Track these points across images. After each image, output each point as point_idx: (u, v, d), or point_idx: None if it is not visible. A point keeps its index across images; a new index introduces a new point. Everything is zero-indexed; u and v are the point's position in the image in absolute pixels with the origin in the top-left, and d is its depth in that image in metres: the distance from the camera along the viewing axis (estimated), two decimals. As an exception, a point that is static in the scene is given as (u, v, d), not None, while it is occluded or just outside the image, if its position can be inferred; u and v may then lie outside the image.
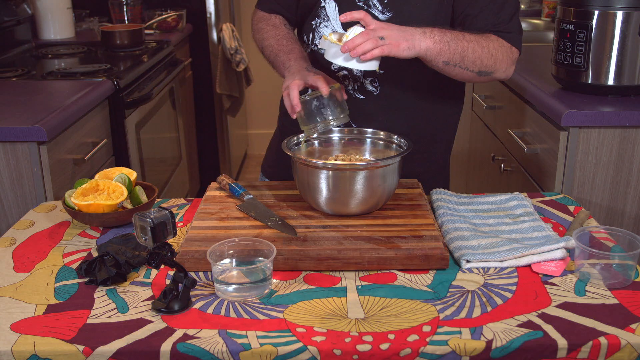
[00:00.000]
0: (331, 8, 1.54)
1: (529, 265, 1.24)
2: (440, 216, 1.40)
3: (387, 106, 1.57)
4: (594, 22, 1.74)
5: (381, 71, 1.52)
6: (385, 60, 1.40)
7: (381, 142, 1.49)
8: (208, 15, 3.61)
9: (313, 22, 1.58)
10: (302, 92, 1.41)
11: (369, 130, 1.51)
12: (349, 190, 1.33)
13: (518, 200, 1.46)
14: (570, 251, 1.26)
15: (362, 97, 1.57)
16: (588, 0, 1.75)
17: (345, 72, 1.56)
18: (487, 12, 1.46)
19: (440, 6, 1.49)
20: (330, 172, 1.33)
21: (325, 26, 1.55)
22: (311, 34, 1.59)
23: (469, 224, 1.35)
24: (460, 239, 1.29)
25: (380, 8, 1.50)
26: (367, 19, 1.31)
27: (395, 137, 1.46)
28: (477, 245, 1.28)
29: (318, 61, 1.56)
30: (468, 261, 1.25)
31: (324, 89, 1.35)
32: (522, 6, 3.74)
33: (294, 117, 1.40)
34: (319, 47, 1.56)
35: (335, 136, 1.51)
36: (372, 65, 1.34)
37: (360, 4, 1.51)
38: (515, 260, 1.24)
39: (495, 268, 1.23)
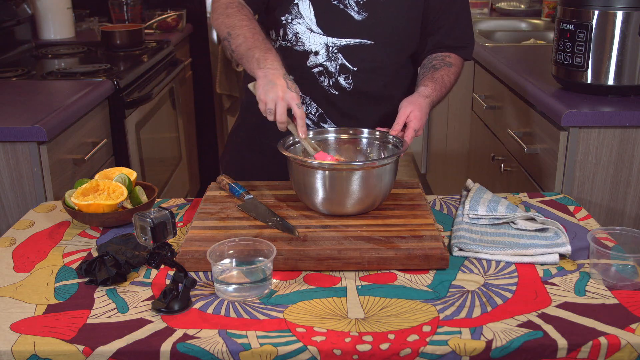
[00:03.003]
0: (304, 6, 1.56)
1: (527, 263, 1.24)
2: (467, 209, 1.41)
3: (359, 101, 1.64)
4: (594, 22, 1.74)
5: (355, 68, 1.60)
6: (357, 58, 1.59)
7: (377, 141, 1.49)
8: (208, 15, 3.60)
9: (283, 18, 1.59)
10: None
11: (365, 130, 1.51)
12: (346, 191, 1.33)
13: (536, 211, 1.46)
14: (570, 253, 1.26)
15: (337, 93, 1.63)
16: (588, 0, 1.75)
17: (320, 68, 1.61)
18: (453, 26, 1.66)
19: (410, 12, 1.60)
20: (327, 172, 1.33)
21: (299, 23, 1.57)
22: (281, 30, 1.60)
23: (482, 231, 1.36)
24: (466, 231, 1.33)
25: (356, 9, 1.56)
26: (420, 132, 1.50)
27: (391, 137, 1.46)
28: (479, 239, 1.30)
29: (288, 57, 1.56)
30: (461, 249, 1.27)
31: (302, 133, 1.41)
32: (522, 6, 3.74)
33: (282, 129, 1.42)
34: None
35: (331, 136, 1.51)
36: None
37: (336, 2, 1.55)
38: (507, 256, 1.25)
39: (495, 267, 1.23)
